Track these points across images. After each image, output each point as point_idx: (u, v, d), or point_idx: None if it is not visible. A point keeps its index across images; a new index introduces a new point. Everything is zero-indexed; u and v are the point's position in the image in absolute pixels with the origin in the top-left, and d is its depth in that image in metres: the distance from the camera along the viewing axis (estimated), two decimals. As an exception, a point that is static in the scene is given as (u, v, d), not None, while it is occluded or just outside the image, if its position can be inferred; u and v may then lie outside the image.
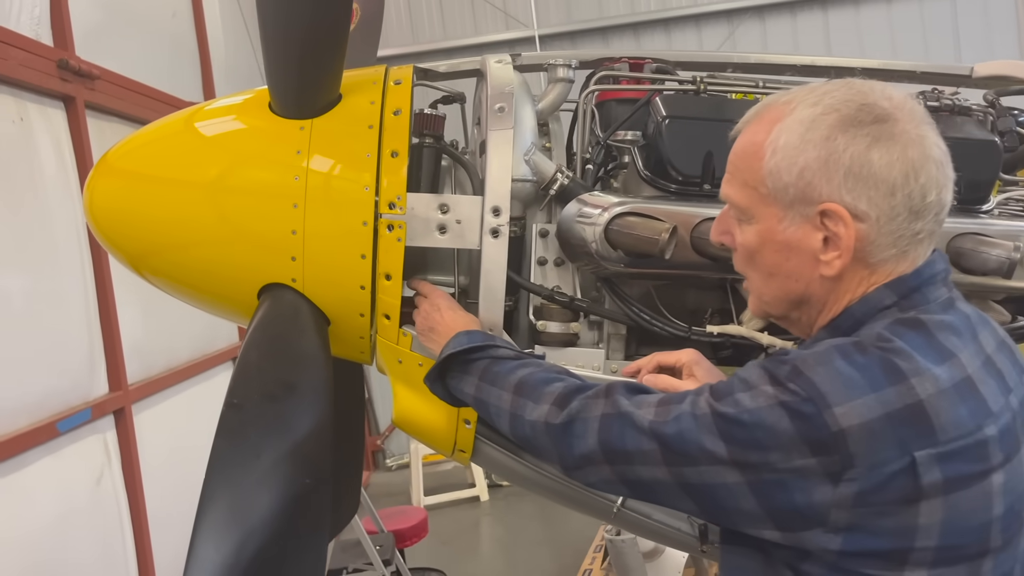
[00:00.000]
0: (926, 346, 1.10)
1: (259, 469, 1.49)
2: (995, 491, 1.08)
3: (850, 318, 1.19)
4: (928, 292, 1.18)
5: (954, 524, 1.06)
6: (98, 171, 1.84)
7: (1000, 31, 8.26)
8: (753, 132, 1.22)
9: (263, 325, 1.68)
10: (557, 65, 1.85)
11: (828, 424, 1.04)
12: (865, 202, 1.13)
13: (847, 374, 1.07)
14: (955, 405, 1.07)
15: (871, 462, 1.04)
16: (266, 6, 1.59)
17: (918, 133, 1.15)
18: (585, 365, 1.71)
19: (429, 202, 1.70)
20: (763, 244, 1.22)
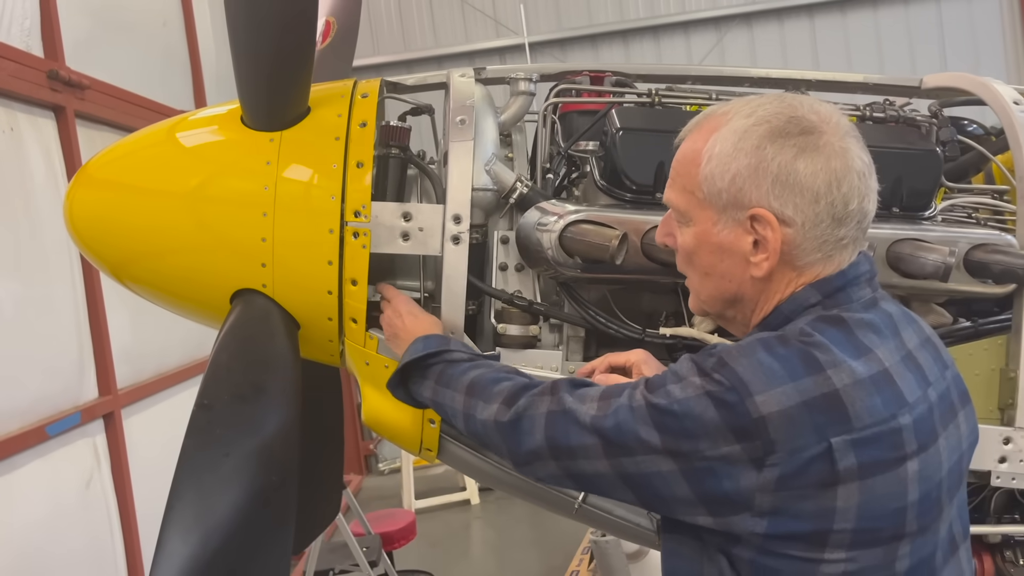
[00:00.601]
0: (845, 341, 1.18)
1: (227, 467, 1.56)
2: (910, 478, 1.15)
3: (779, 315, 1.27)
4: (852, 292, 1.26)
5: (870, 508, 1.13)
6: (77, 181, 1.92)
7: (986, 38, 8.36)
8: (693, 141, 1.30)
9: (234, 328, 1.75)
10: (519, 79, 1.92)
11: (749, 411, 1.11)
12: (791, 208, 1.20)
13: (768, 364, 1.14)
14: (870, 395, 1.14)
15: (791, 447, 1.11)
16: (236, 24, 1.67)
17: (842, 145, 1.23)
18: (544, 366, 1.78)
19: (393, 210, 1.77)
20: (699, 245, 1.29)
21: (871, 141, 1.82)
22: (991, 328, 1.83)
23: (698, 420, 1.14)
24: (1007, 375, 1.79)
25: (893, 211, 1.82)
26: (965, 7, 8.39)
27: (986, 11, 8.38)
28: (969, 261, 1.73)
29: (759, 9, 8.37)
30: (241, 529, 1.47)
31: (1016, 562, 1.93)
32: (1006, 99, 1.86)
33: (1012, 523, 1.92)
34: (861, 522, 1.13)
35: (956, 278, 1.73)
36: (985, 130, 2.11)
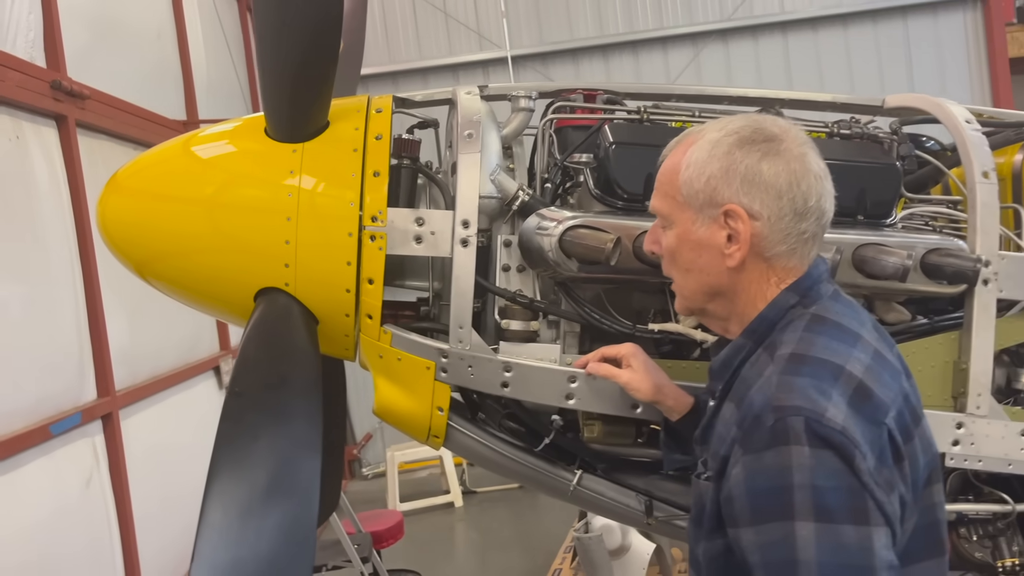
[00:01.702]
0: (839, 335, 1.36)
1: (257, 448, 1.72)
2: (928, 432, 1.38)
3: (764, 322, 1.44)
4: (819, 288, 1.45)
5: (915, 466, 1.32)
6: (108, 190, 2.05)
7: (951, 53, 8.68)
8: (674, 155, 1.50)
9: (260, 324, 1.90)
10: (519, 96, 2.09)
11: (834, 427, 1.22)
12: (758, 203, 1.39)
13: (809, 386, 1.27)
14: (880, 375, 1.33)
15: (869, 443, 1.24)
16: (264, 45, 1.83)
17: (800, 151, 1.43)
18: (544, 358, 1.95)
19: (407, 216, 1.94)
20: (681, 244, 1.47)
21: (838, 156, 2.04)
22: (946, 324, 2.02)
23: (837, 473, 1.21)
24: (959, 367, 1.98)
25: (858, 219, 2.02)
26: (931, 24, 8.71)
27: (951, 28, 8.71)
28: (925, 264, 1.92)
29: (735, 26, 8.64)
30: (274, 503, 1.62)
31: (970, 538, 2.13)
32: (958, 118, 2.07)
33: (966, 503, 2.11)
34: (916, 481, 1.32)
35: (913, 279, 1.91)
36: (942, 146, 2.31)
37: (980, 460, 1.98)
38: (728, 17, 8.65)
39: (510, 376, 1.92)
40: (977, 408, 1.95)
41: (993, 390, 2.07)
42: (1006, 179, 2.28)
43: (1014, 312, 2.06)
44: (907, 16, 8.69)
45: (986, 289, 1.94)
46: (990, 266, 1.94)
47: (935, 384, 2.00)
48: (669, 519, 2.08)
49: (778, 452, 1.23)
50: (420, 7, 8.67)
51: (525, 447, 2.08)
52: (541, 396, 1.94)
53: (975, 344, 1.94)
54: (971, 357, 1.95)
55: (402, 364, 1.97)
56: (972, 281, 1.93)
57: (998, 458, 1.98)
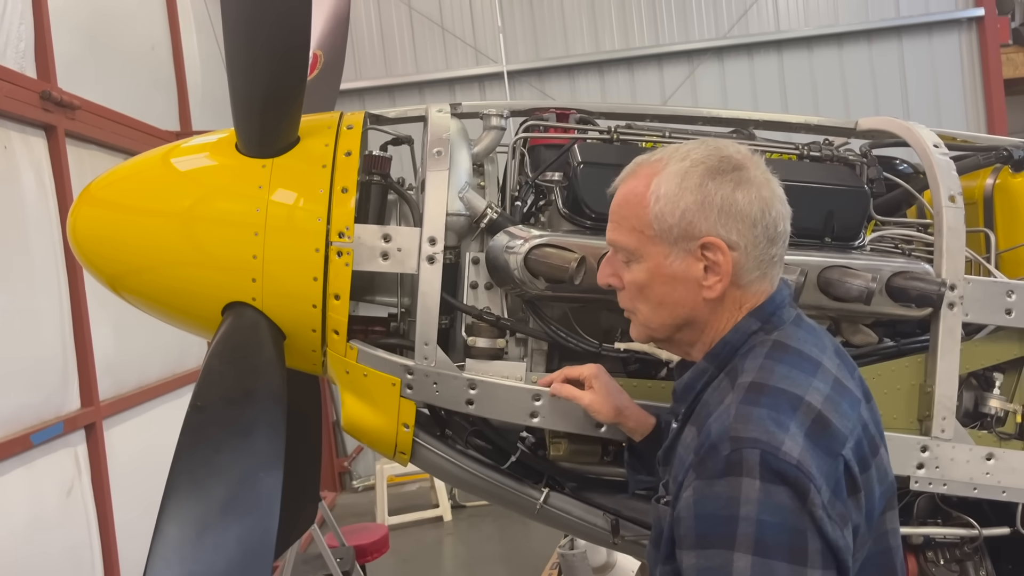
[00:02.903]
0: (799, 363, 1.36)
1: (218, 463, 1.72)
2: (885, 460, 1.37)
3: (727, 346, 1.44)
4: (782, 314, 1.45)
5: (871, 496, 1.32)
6: (81, 201, 2.07)
7: (945, 73, 8.72)
8: (632, 186, 1.46)
9: (226, 338, 1.91)
10: (491, 114, 2.11)
11: (789, 461, 1.21)
12: (735, 234, 1.39)
13: (765, 417, 1.26)
14: (839, 404, 1.32)
15: (824, 475, 1.24)
16: (235, 62, 1.84)
17: (765, 177, 1.44)
18: (509, 376, 1.95)
19: (374, 232, 1.94)
20: (653, 279, 1.44)
21: (806, 178, 2.04)
22: (912, 347, 2.02)
23: (783, 510, 1.20)
24: (925, 390, 1.98)
25: (825, 241, 2.02)
26: (926, 44, 8.75)
27: (946, 48, 8.75)
28: (890, 287, 1.92)
29: (730, 44, 8.68)
30: (232, 518, 1.62)
31: (937, 562, 2.12)
32: (926, 142, 2.08)
33: (934, 527, 2.10)
34: (870, 510, 1.32)
35: (879, 302, 1.92)
36: (914, 169, 2.32)
37: (945, 484, 1.98)
38: (724, 35, 8.70)
39: (475, 393, 1.93)
40: (942, 432, 1.95)
41: (961, 413, 2.08)
42: (977, 203, 2.29)
43: (982, 336, 2.06)
44: (902, 36, 8.74)
45: (951, 313, 1.94)
46: (955, 290, 1.94)
47: (901, 407, 2.00)
48: (636, 539, 2.08)
49: (729, 483, 1.23)
50: (417, 21, 8.71)
51: (492, 464, 2.08)
52: (505, 414, 1.94)
53: (940, 367, 1.94)
54: (936, 380, 1.95)
55: (368, 380, 1.97)
56: (937, 305, 1.93)
57: (963, 482, 1.98)
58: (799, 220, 1.99)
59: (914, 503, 2.10)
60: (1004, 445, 2.03)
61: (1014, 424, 2.07)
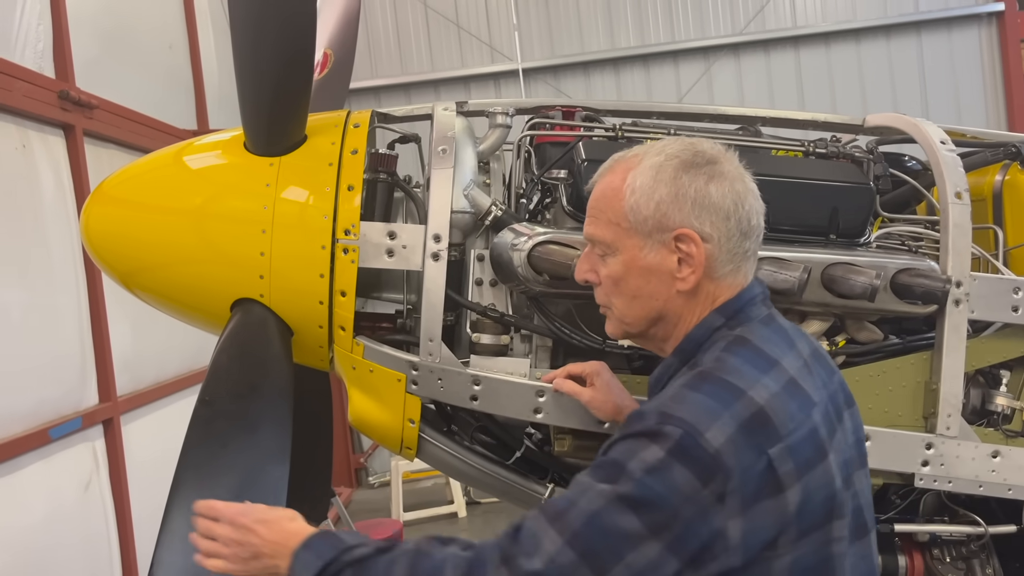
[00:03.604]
0: (755, 358, 1.34)
1: (225, 457, 1.75)
2: (834, 468, 1.31)
3: (691, 341, 1.44)
4: (749, 311, 1.43)
5: (810, 501, 1.27)
6: (93, 199, 2.11)
7: (964, 69, 8.63)
8: (609, 181, 1.47)
9: (234, 334, 1.94)
10: (496, 112, 2.12)
11: (706, 449, 1.21)
12: (709, 226, 1.40)
13: (702, 402, 1.26)
14: (786, 403, 1.30)
15: (742, 469, 1.21)
16: (243, 64, 1.87)
17: (739, 172, 1.44)
18: (514, 372, 1.97)
19: (379, 230, 1.96)
20: (628, 271, 1.44)
21: (812, 175, 2.04)
22: (918, 344, 2.02)
23: (669, 484, 1.19)
24: (930, 387, 1.97)
25: (831, 238, 2.02)
26: (945, 40, 8.66)
27: (965, 44, 8.65)
28: (895, 284, 1.91)
29: (747, 40, 8.63)
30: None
31: (943, 559, 2.12)
32: (933, 138, 2.07)
33: (940, 524, 2.10)
34: (803, 516, 1.26)
35: (883, 299, 1.91)
36: (923, 165, 2.31)
37: (950, 481, 1.98)
38: (740, 31, 8.64)
39: (479, 389, 1.94)
40: (947, 429, 1.95)
41: (968, 411, 2.07)
42: (986, 199, 2.27)
43: (989, 333, 2.06)
44: (921, 32, 8.65)
45: (957, 310, 1.94)
46: (961, 287, 1.94)
47: (906, 404, 2.00)
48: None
49: (639, 442, 1.24)
50: (433, 19, 8.73)
51: (497, 460, 2.10)
52: (509, 410, 1.95)
53: (946, 365, 1.94)
54: (941, 378, 1.94)
55: (374, 376, 1.99)
56: (942, 302, 1.92)
57: (968, 479, 1.97)
58: (804, 217, 2.02)
59: (920, 500, 2.09)
60: (1010, 443, 2.02)
61: (1021, 422, 2.06)
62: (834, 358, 2.00)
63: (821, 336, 2.00)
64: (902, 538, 2.10)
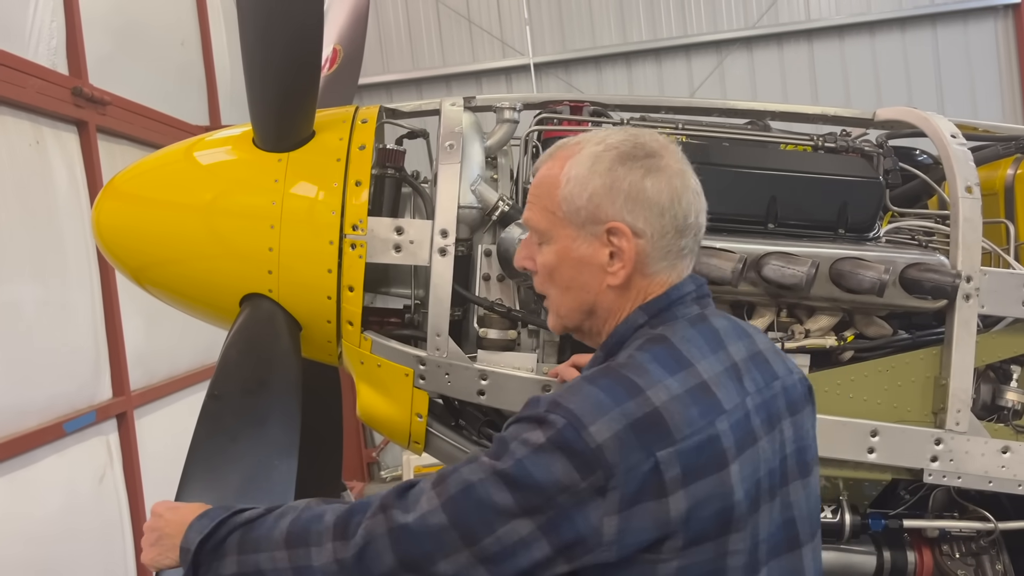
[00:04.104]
0: (666, 358, 1.28)
1: (233, 451, 1.76)
2: (735, 479, 1.23)
3: (615, 337, 1.38)
4: (676, 310, 1.37)
5: (698, 510, 1.20)
6: (105, 194, 2.12)
7: (980, 61, 8.55)
8: (549, 167, 1.42)
9: (242, 329, 1.95)
10: (504, 108, 2.12)
11: (587, 442, 1.17)
12: (642, 221, 1.34)
13: (595, 396, 1.21)
14: (687, 407, 1.23)
15: (625, 467, 1.17)
16: (252, 62, 1.87)
17: (679, 168, 1.39)
18: (520, 367, 1.97)
19: (387, 225, 1.97)
20: (560, 261, 1.39)
21: (820, 169, 2.03)
22: (928, 340, 2.01)
23: (546, 470, 1.17)
24: (939, 382, 1.96)
25: (839, 232, 2.01)
26: (961, 32, 8.59)
27: (981, 36, 8.58)
28: (904, 278, 1.90)
29: (759, 33, 8.58)
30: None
31: (953, 555, 2.11)
32: (944, 132, 2.05)
33: (950, 520, 2.09)
34: (691, 524, 1.20)
35: (893, 294, 1.90)
36: (934, 160, 2.29)
37: (960, 477, 1.97)
38: (753, 25, 8.60)
39: (486, 384, 1.95)
40: (956, 424, 1.94)
41: (978, 406, 2.06)
42: (998, 193, 2.26)
43: (1000, 328, 2.04)
44: (936, 24, 8.58)
45: (967, 305, 1.93)
46: (971, 282, 1.92)
47: (916, 399, 1.99)
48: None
49: (526, 425, 1.22)
50: (444, 14, 8.73)
51: (505, 455, 2.10)
52: (516, 404, 1.94)
53: (955, 360, 1.93)
54: (951, 373, 1.93)
55: (382, 370, 2.00)
56: (951, 296, 1.91)
57: (978, 475, 1.96)
58: (813, 211, 2.02)
59: (929, 496, 2.08)
60: (1021, 438, 2.01)
61: (1031, 417, 2.05)
62: (842, 353, 2.00)
63: (829, 331, 2.00)
64: (911, 534, 2.10)
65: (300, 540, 1.29)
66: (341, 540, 1.26)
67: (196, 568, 1.35)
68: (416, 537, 1.22)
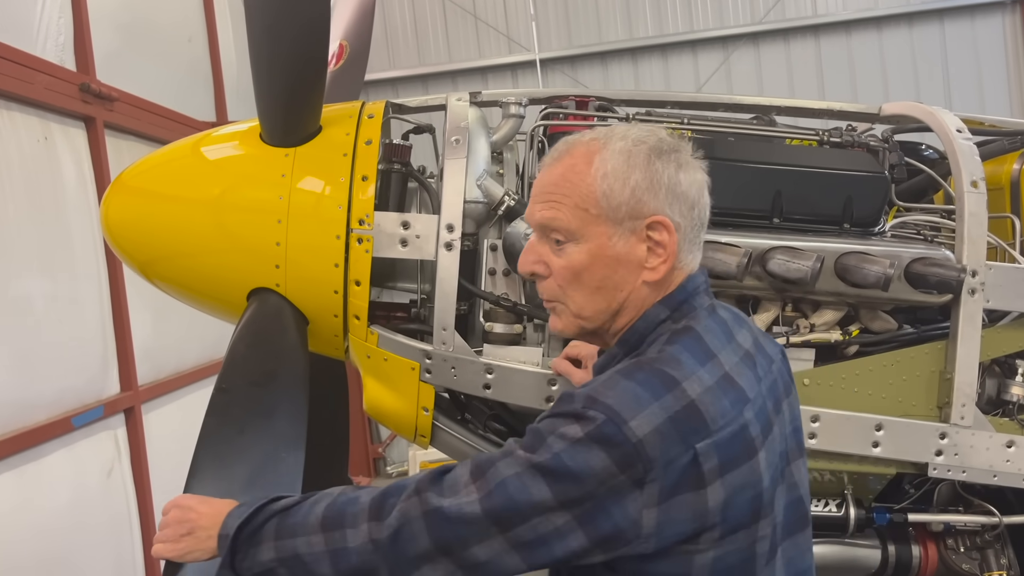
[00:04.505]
0: (696, 348, 1.29)
1: (241, 443, 1.78)
2: (762, 466, 1.26)
3: (635, 333, 1.37)
4: (694, 302, 1.37)
5: (734, 500, 1.23)
6: (113, 189, 2.14)
7: (988, 55, 8.52)
8: (570, 164, 1.36)
9: (250, 323, 1.96)
10: (510, 103, 2.12)
11: (628, 438, 1.17)
12: (678, 214, 1.34)
13: (632, 390, 1.22)
14: (719, 398, 1.24)
15: (665, 460, 1.18)
16: (259, 57, 1.89)
17: (698, 163, 1.40)
18: (526, 361, 1.98)
19: (393, 219, 1.98)
20: (593, 260, 1.34)
21: (825, 164, 2.03)
22: (933, 334, 2.01)
23: (585, 463, 1.18)
24: (944, 377, 1.96)
25: (844, 227, 2.01)
26: (968, 27, 8.54)
27: (989, 31, 8.53)
28: (909, 273, 1.91)
29: (766, 29, 8.55)
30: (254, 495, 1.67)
31: (957, 549, 2.11)
32: (949, 127, 2.05)
33: (954, 514, 2.10)
34: (727, 513, 1.23)
35: (898, 288, 1.91)
36: (940, 154, 2.29)
37: (964, 471, 1.97)
38: (759, 20, 8.57)
39: (492, 378, 1.96)
40: (961, 419, 1.94)
41: (983, 401, 2.07)
42: (1003, 188, 2.26)
43: (1005, 322, 2.04)
44: (944, 19, 8.54)
45: (972, 299, 1.93)
46: (976, 276, 1.93)
47: (921, 393, 1.99)
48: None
49: (561, 420, 1.22)
50: (450, 10, 8.73)
51: (511, 448, 2.11)
52: (522, 398, 1.97)
53: (960, 354, 1.93)
54: (956, 367, 1.94)
55: (388, 364, 2.01)
56: (956, 291, 1.92)
57: (983, 469, 1.97)
58: (818, 205, 2.02)
59: (934, 490, 2.09)
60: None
61: (1036, 412, 2.05)
62: (847, 348, 2.01)
63: (834, 326, 2.00)
64: (916, 528, 2.11)
65: (336, 523, 1.30)
66: (376, 521, 1.27)
67: (233, 555, 1.35)
68: (451, 522, 1.23)
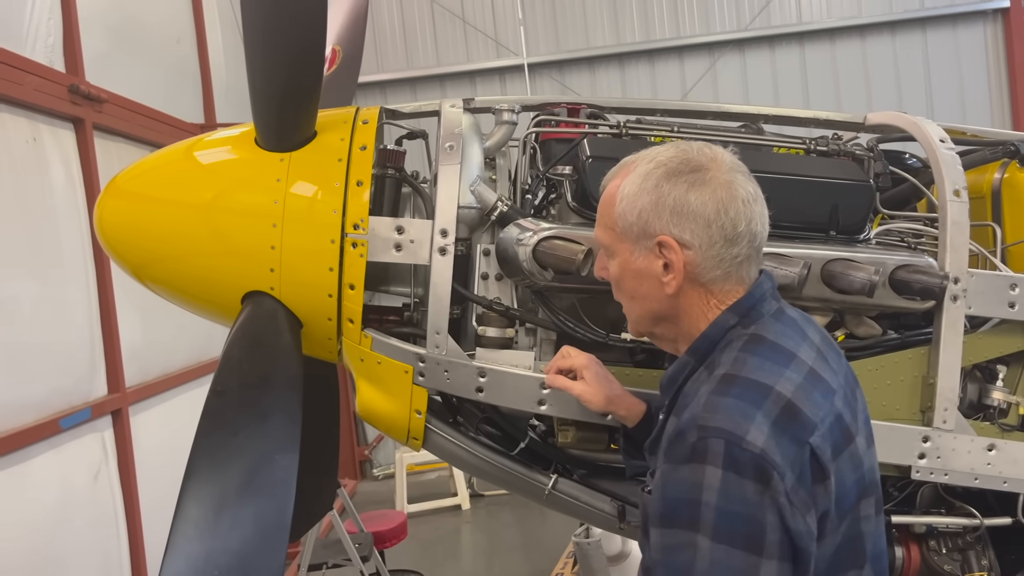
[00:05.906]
0: (773, 355, 1.40)
1: (236, 445, 1.79)
2: (861, 451, 1.39)
3: (706, 341, 1.50)
4: (761, 307, 1.49)
5: (842, 485, 1.35)
6: (107, 192, 2.14)
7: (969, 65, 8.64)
8: (611, 185, 1.56)
9: (245, 325, 1.98)
10: (503, 109, 2.15)
11: (751, 451, 1.26)
12: (688, 233, 1.45)
13: (733, 406, 1.31)
14: (811, 393, 1.36)
15: (789, 463, 1.28)
16: (254, 62, 1.90)
17: (727, 179, 1.47)
18: (519, 364, 2.01)
19: (388, 224, 2.00)
20: (623, 273, 1.54)
21: (812, 172, 2.07)
22: (916, 339, 2.05)
23: (744, 500, 1.25)
24: (927, 381, 2.01)
25: (831, 234, 2.05)
26: (950, 36, 8.68)
27: (971, 40, 8.67)
28: (893, 280, 1.95)
29: (751, 36, 8.66)
30: (248, 499, 1.69)
31: (940, 551, 2.15)
32: (932, 136, 2.10)
33: (937, 516, 2.13)
34: (840, 498, 1.34)
35: (882, 295, 1.95)
36: (923, 163, 2.34)
37: (946, 474, 2.01)
38: (745, 27, 8.67)
39: (485, 381, 1.98)
40: (944, 423, 1.98)
41: (964, 405, 2.11)
42: (985, 197, 2.30)
43: (986, 328, 2.09)
44: (926, 28, 8.67)
45: (954, 305, 1.97)
46: (959, 283, 1.97)
47: (904, 398, 2.03)
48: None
49: (693, 469, 1.29)
50: (438, 14, 8.76)
51: (502, 451, 2.14)
52: (514, 401, 1.99)
53: (943, 359, 1.97)
54: (938, 372, 1.98)
55: (382, 368, 2.03)
56: (939, 297, 1.96)
57: (964, 472, 2.01)
58: (805, 213, 2.06)
59: (917, 493, 2.13)
60: (1006, 436, 2.05)
61: (1016, 416, 2.10)
62: (833, 352, 2.05)
63: (821, 331, 2.04)
64: (899, 530, 2.14)
65: None
66: None
67: None
68: None
